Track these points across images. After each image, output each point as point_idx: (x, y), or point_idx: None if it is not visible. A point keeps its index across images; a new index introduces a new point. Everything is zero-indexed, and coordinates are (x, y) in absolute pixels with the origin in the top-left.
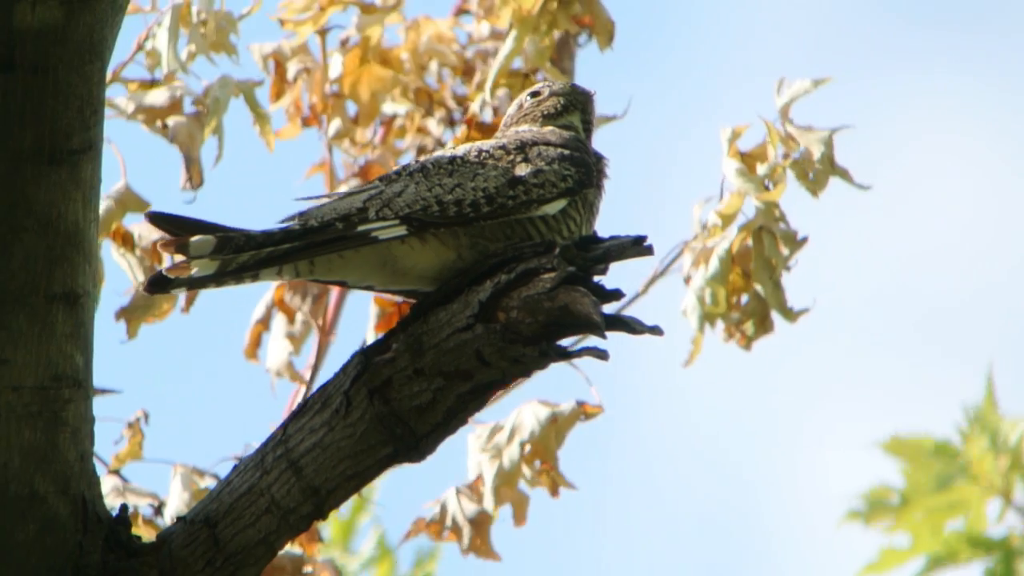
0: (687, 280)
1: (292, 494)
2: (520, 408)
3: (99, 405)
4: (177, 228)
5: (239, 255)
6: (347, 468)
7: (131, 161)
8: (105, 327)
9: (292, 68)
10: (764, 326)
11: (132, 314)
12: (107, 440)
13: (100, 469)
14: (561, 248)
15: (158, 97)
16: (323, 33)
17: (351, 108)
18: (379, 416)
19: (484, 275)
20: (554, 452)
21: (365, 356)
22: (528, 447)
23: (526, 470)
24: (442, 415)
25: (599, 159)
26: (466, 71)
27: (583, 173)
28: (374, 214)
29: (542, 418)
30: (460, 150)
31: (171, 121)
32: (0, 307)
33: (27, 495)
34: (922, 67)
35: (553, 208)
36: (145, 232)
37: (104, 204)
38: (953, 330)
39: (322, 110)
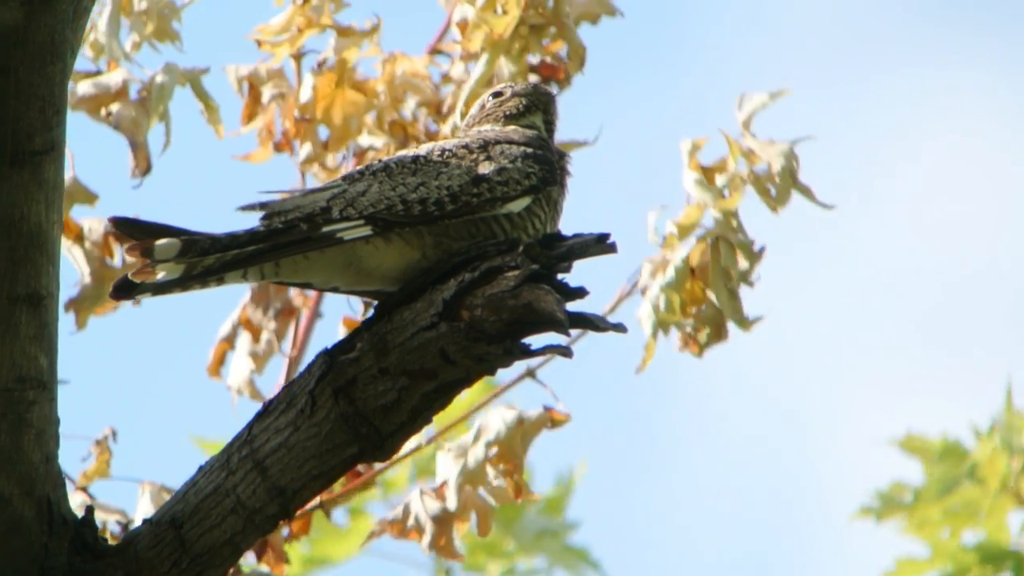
0: (643, 291)
1: (258, 494)
2: (487, 411)
3: (66, 423)
4: (141, 232)
5: (204, 258)
6: (313, 468)
7: (79, 152)
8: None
9: (267, 92)
10: (719, 334)
11: (81, 305)
12: (74, 457)
13: (67, 487)
14: (525, 246)
15: (102, 86)
16: (298, 57)
17: (323, 133)
18: (344, 415)
19: (448, 274)
20: (520, 456)
21: (330, 355)
22: (494, 449)
23: (490, 471)
24: (407, 414)
25: (562, 157)
26: (440, 110)
27: (547, 171)
28: (338, 213)
29: (509, 421)
30: (423, 149)
31: (114, 108)
32: None
33: None
34: (939, 63)
35: (517, 206)
36: (94, 224)
37: None
38: (960, 328)
39: (295, 135)
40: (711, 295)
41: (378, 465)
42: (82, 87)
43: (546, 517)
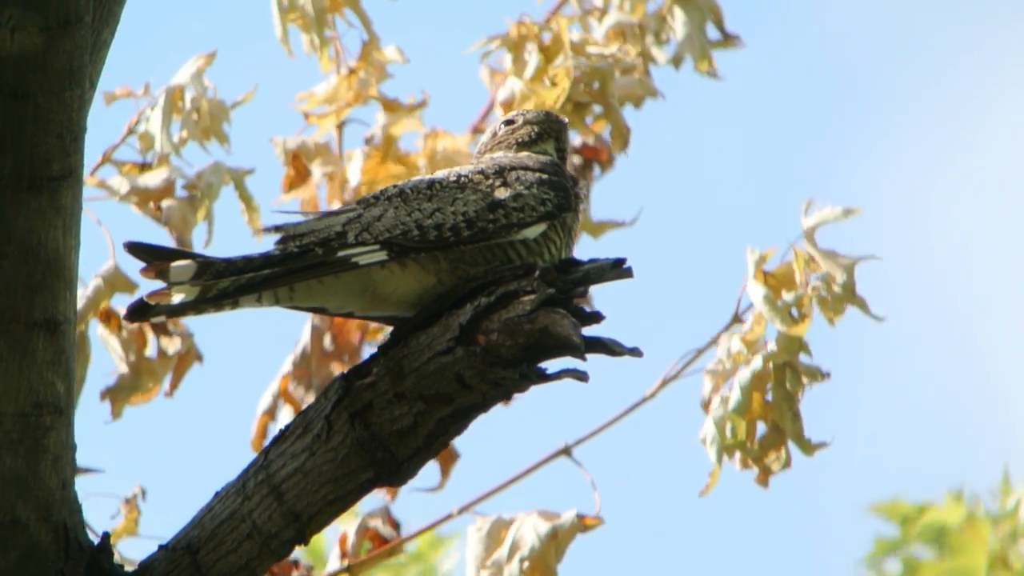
0: (705, 406)
1: (274, 519)
2: (521, 520)
3: (96, 481)
4: (155, 257)
5: (219, 281)
6: (329, 493)
7: (119, 242)
8: (92, 408)
9: (316, 170)
10: (784, 460)
11: (117, 394)
12: (103, 516)
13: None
14: (541, 271)
15: (151, 179)
16: (341, 127)
17: None
18: (360, 440)
19: (464, 298)
20: (553, 567)
21: (346, 380)
22: (527, 563)
23: None
24: (423, 439)
25: (576, 183)
26: None
27: (562, 197)
28: (353, 238)
29: (542, 533)
30: (439, 175)
31: (164, 204)
32: None
33: (8, 522)
34: None
35: (533, 232)
36: None
37: (92, 284)
38: None
39: None
40: (775, 418)
41: (404, 533)
42: (131, 180)
43: None
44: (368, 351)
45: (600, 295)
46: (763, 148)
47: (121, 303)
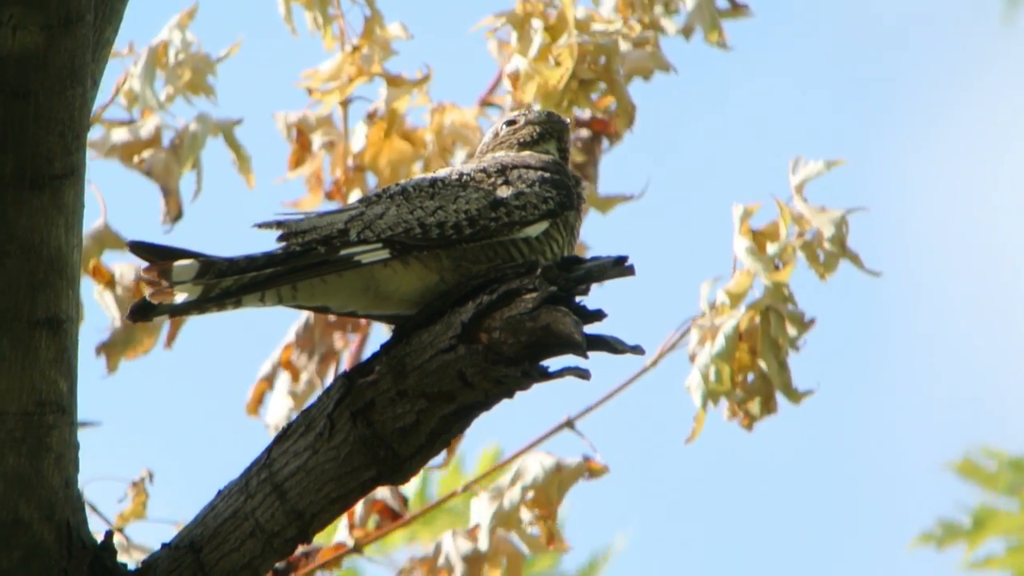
0: (692, 357)
1: (276, 518)
2: (526, 456)
3: (104, 464)
4: (159, 256)
5: (222, 280)
6: (331, 491)
7: (111, 199)
8: (87, 362)
9: (316, 140)
10: (768, 406)
11: (112, 349)
12: (111, 499)
13: (104, 527)
14: (543, 269)
15: (134, 133)
16: (346, 104)
17: (371, 180)
18: (362, 438)
19: (466, 296)
20: (555, 503)
21: (348, 379)
22: (530, 493)
23: (525, 515)
24: (425, 437)
25: (578, 182)
26: None
27: (564, 195)
28: (355, 236)
29: (547, 467)
30: (441, 173)
31: (146, 155)
32: None
33: (11, 521)
34: None
35: (535, 230)
36: (125, 270)
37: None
38: None
39: (344, 183)
40: (761, 365)
41: (412, 511)
42: (116, 134)
43: None
44: (370, 323)
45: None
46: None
47: (112, 259)
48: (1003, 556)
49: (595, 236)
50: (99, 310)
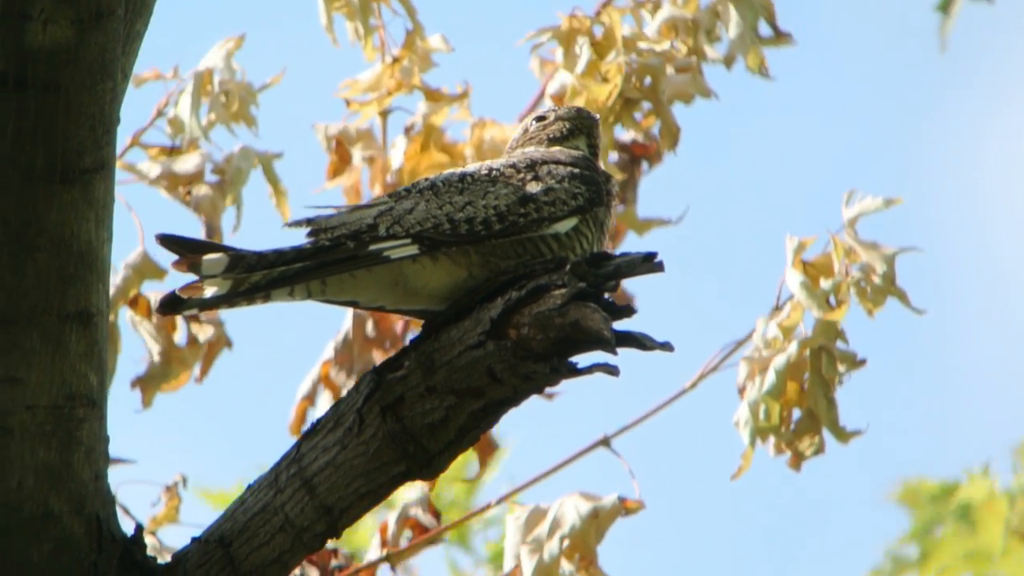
0: (741, 391)
1: (306, 512)
2: (562, 500)
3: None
4: (188, 249)
5: (251, 275)
6: (360, 486)
7: (149, 226)
8: (122, 396)
9: (356, 153)
10: (817, 445)
11: (148, 383)
12: (144, 503)
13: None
14: (572, 265)
15: (181, 164)
16: (385, 115)
17: None
18: (391, 434)
19: (495, 292)
20: (593, 547)
21: (377, 374)
22: (567, 542)
23: (565, 565)
24: (454, 433)
25: (608, 178)
26: None
27: (593, 191)
28: (385, 231)
29: (583, 512)
30: (470, 168)
31: (194, 190)
32: (13, 326)
33: (41, 515)
34: None
35: (564, 226)
36: None
37: (122, 272)
38: None
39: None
40: (810, 402)
41: (445, 521)
42: (162, 163)
43: None
44: (410, 338)
45: (647, 288)
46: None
47: (151, 290)
48: None
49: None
50: (135, 342)
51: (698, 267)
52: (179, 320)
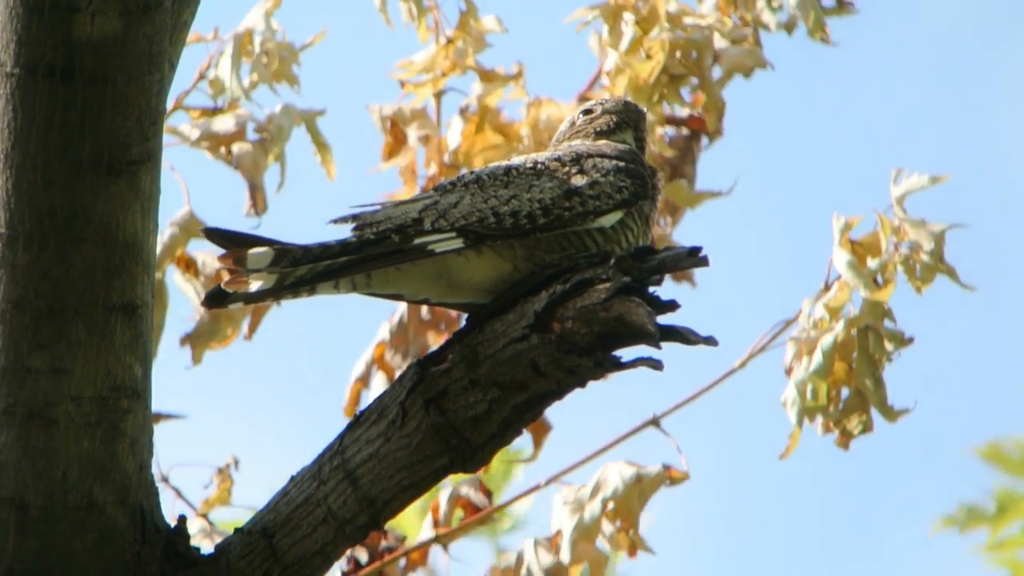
0: (788, 371)
1: (348, 504)
2: (606, 466)
3: (190, 449)
4: (233, 243)
5: (297, 268)
6: (403, 479)
7: (194, 188)
8: (172, 351)
9: (411, 133)
10: (865, 424)
11: (197, 340)
12: (196, 485)
13: (189, 512)
14: (616, 259)
15: (222, 124)
16: (439, 96)
17: None
18: (434, 426)
19: (539, 286)
20: (636, 513)
21: (421, 367)
22: (611, 504)
23: (606, 527)
24: (497, 426)
25: (654, 172)
26: None
27: (639, 185)
28: (430, 225)
29: (627, 477)
30: (516, 161)
31: (235, 148)
32: (59, 317)
33: (86, 505)
34: None
35: (609, 220)
36: (209, 259)
37: (168, 231)
38: None
39: (440, 176)
40: (859, 382)
41: (496, 502)
42: (204, 125)
43: None
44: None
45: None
46: (879, 120)
47: (197, 248)
48: (1019, 537)
49: (686, 234)
50: (184, 299)
51: (751, 245)
52: (225, 278)
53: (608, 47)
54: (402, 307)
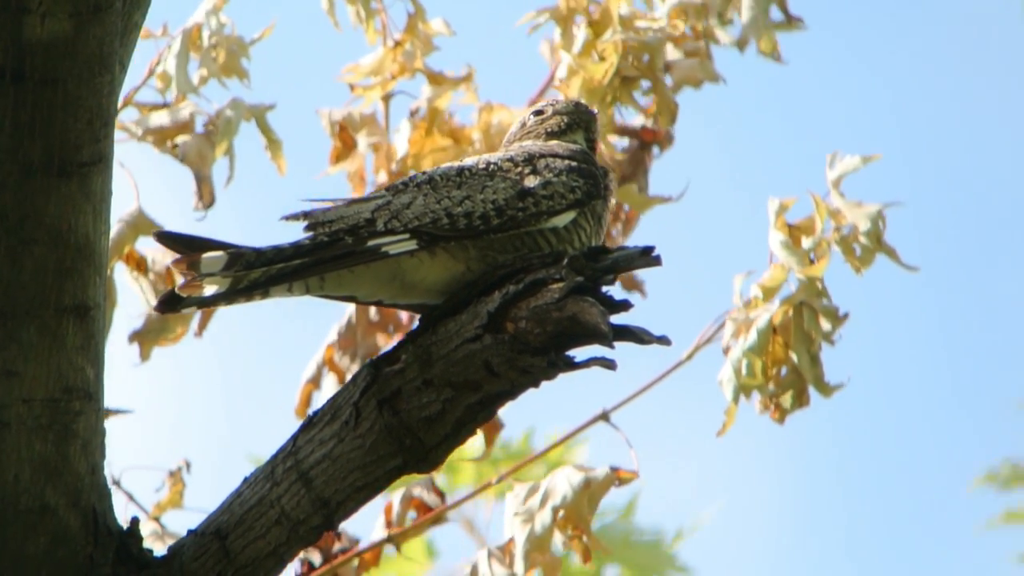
0: (726, 351)
1: (302, 505)
2: (554, 473)
3: (141, 452)
4: (186, 247)
5: (250, 272)
6: (357, 479)
7: (143, 184)
8: (119, 350)
9: (361, 141)
10: (800, 400)
11: (145, 337)
12: (148, 488)
13: (141, 516)
14: (569, 259)
15: (168, 118)
16: (387, 99)
17: None
18: (388, 427)
19: (492, 286)
20: (587, 518)
21: (375, 367)
22: (561, 512)
23: (558, 535)
24: (451, 426)
25: (606, 172)
26: None
27: (591, 184)
28: (383, 226)
29: (575, 483)
30: (468, 162)
31: (180, 140)
32: (10, 320)
33: (38, 507)
34: None
35: (562, 220)
36: (158, 256)
37: (116, 227)
38: None
39: (388, 183)
40: (793, 358)
41: (449, 500)
42: (150, 119)
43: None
44: (414, 321)
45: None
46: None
47: (147, 245)
48: None
49: (636, 240)
50: (132, 296)
51: (696, 238)
52: (176, 276)
53: (560, 50)
54: (351, 309)
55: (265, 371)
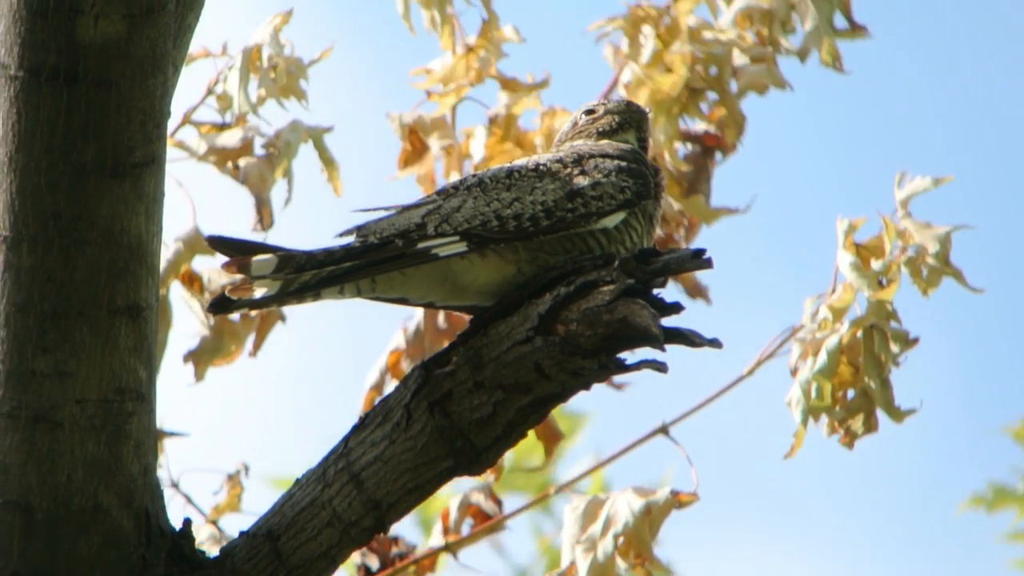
0: (793, 372)
1: (353, 507)
2: (615, 497)
3: (202, 456)
4: (237, 250)
5: (301, 275)
6: (408, 481)
7: (201, 203)
8: (174, 367)
9: (433, 143)
10: (869, 424)
11: (200, 357)
12: (207, 491)
13: (198, 519)
14: (620, 261)
15: (229, 139)
16: (455, 104)
17: None
18: (439, 429)
19: (543, 288)
20: (648, 543)
21: (425, 369)
22: (621, 539)
23: (620, 563)
24: (502, 428)
25: (657, 172)
26: None
27: (641, 185)
28: (433, 230)
29: (636, 509)
30: (518, 163)
31: (242, 162)
32: (63, 320)
33: (91, 508)
34: None
35: (612, 221)
36: (214, 276)
37: (173, 247)
38: None
39: None
40: (865, 382)
41: (506, 510)
42: (209, 140)
43: None
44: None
45: (717, 278)
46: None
47: (202, 265)
48: None
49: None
50: (188, 316)
51: (763, 257)
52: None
53: (626, 59)
54: (419, 315)
55: (330, 377)
